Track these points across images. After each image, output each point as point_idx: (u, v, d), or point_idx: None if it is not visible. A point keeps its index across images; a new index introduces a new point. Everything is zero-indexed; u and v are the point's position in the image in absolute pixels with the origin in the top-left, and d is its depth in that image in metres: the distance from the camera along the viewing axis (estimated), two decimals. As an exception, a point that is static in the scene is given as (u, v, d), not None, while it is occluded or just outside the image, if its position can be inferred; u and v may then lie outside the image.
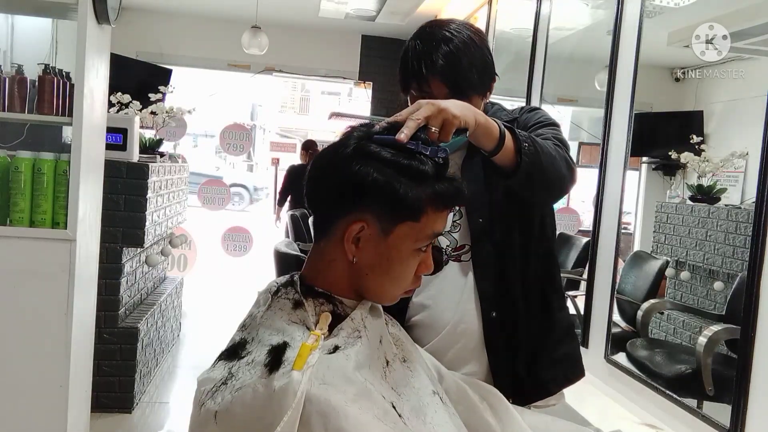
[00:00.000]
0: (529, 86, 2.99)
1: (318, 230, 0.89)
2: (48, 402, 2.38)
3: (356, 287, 0.88)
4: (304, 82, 15.89)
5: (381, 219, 0.83)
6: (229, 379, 0.77)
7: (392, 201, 0.82)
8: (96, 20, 2.44)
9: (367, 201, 0.83)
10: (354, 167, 0.82)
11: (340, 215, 0.84)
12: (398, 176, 0.82)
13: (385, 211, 0.83)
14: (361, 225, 0.83)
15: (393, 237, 0.84)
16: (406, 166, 0.83)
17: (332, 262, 0.87)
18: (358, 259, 0.84)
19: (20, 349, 2.37)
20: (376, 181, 0.82)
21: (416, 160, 0.84)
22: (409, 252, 0.86)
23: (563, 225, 2.86)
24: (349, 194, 0.83)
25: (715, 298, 2.09)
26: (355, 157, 0.83)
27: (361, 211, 0.83)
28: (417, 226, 0.84)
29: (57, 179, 2.39)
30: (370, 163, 0.82)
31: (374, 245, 0.84)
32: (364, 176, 0.82)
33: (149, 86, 4.14)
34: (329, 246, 0.86)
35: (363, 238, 0.83)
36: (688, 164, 2.21)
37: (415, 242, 0.85)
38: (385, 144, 0.84)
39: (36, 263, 2.36)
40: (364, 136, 0.86)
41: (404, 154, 0.84)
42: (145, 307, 3.70)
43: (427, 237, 0.86)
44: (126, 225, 3.22)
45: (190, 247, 6.02)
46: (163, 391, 3.75)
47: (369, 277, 0.86)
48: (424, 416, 0.85)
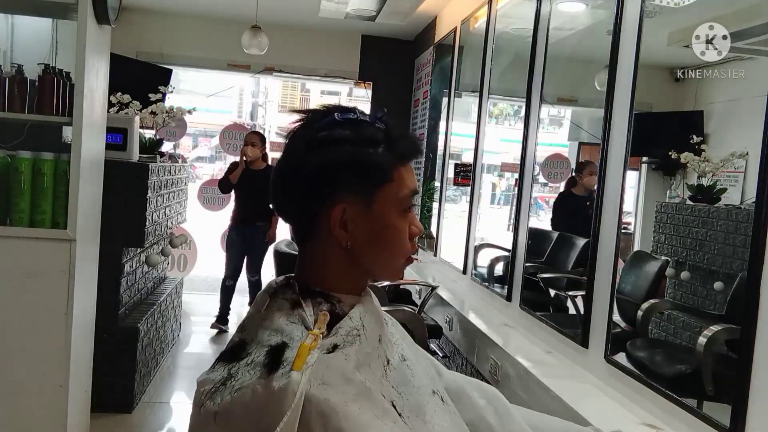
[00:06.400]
0: (529, 86, 2.98)
1: (300, 235, 0.89)
2: (48, 402, 2.38)
3: (356, 277, 0.88)
4: (304, 82, 15.87)
5: (358, 194, 0.84)
6: (228, 380, 0.77)
7: (361, 171, 0.84)
8: (96, 20, 2.44)
9: (339, 183, 0.84)
10: (313, 160, 0.83)
11: (318, 209, 0.85)
12: (356, 148, 0.84)
13: (358, 184, 0.84)
14: (342, 207, 0.84)
15: (376, 206, 0.85)
16: (358, 136, 0.85)
17: (325, 259, 0.87)
18: (351, 243, 0.85)
19: (20, 349, 2.37)
20: (339, 160, 0.83)
21: (363, 128, 0.86)
22: (395, 216, 0.87)
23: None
24: (318, 185, 0.84)
25: (715, 298, 2.09)
26: (308, 151, 0.84)
27: (337, 195, 0.84)
28: (393, 187, 0.86)
29: (57, 179, 2.39)
30: (325, 149, 0.83)
31: (362, 222, 0.85)
32: (326, 161, 0.83)
33: (149, 86, 4.14)
34: (318, 244, 0.87)
35: (349, 220, 0.84)
36: (688, 164, 2.21)
37: (398, 204, 0.87)
38: (327, 128, 0.85)
39: (36, 263, 2.36)
40: (305, 132, 0.86)
41: (349, 128, 0.85)
42: (145, 307, 3.70)
43: (406, 196, 0.88)
44: (126, 225, 3.22)
45: (190, 247, 6.03)
46: (163, 391, 3.75)
47: (368, 256, 0.87)
48: (424, 415, 0.85)
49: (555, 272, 2.96)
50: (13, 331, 2.37)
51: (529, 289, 2.93)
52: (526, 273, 2.94)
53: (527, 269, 2.94)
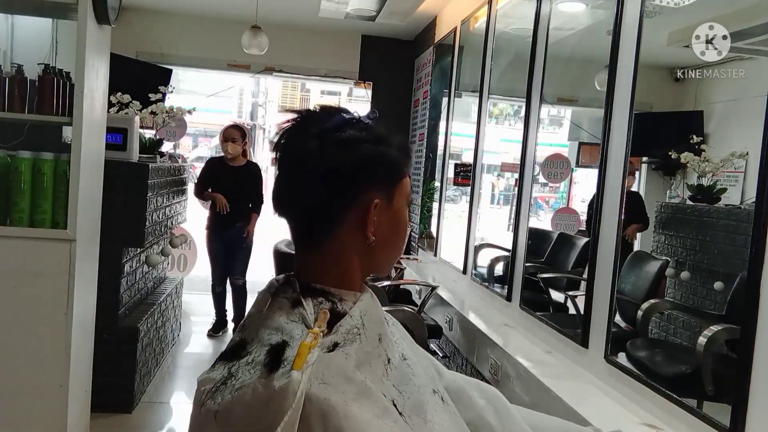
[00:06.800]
0: (529, 86, 2.99)
1: (313, 237, 0.87)
2: (48, 402, 2.38)
3: (364, 273, 0.89)
4: (304, 82, 15.88)
5: (383, 190, 0.86)
6: (228, 379, 0.77)
7: (386, 167, 0.86)
8: (96, 20, 2.44)
9: (367, 179, 0.85)
10: (340, 158, 0.83)
11: (344, 208, 0.85)
12: (375, 146, 0.85)
13: (383, 179, 0.86)
14: (376, 202, 0.85)
15: (395, 202, 0.88)
16: (371, 135, 0.86)
17: (342, 257, 0.87)
18: (376, 237, 0.86)
19: (20, 349, 2.37)
20: (366, 156, 0.84)
21: (371, 128, 0.87)
22: (405, 210, 0.91)
23: (563, 225, 2.86)
24: (347, 183, 0.84)
25: (715, 298, 2.09)
26: (327, 150, 0.83)
27: (366, 191, 0.85)
28: (405, 183, 0.90)
29: (57, 179, 2.39)
30: (348, 147, 0.84)
31: (385, 216, 0.87)
32: (355, 159, 0.83)
33: (149, 86, 4.14)
34: (335, 244, 0.86)
35: (377, 215, 0.86)
36: (688, 164, 2.21)
37: (407, 197, 0.91)
38: (340, 128, 0.85)
39: (36, 263, 2.36)
40: (313, 132, 0.85)
41: (357, 126, 0.86)
42: (145, 307, 3.70)
43: (410, 192, 0.93)
44: (126, 225, 3.22)
45: (190, 247, 6.03)
46: (163, 391, 3.75)
47: (384, 250, 0.89)
48: (425, 414, 0.85)
49: (555, 272, 2.96)
50: (13, 331, 2.37)
51: (529, 289, 2.93)
52: (526, 273, 2.94)
53: (527, 269, 2.94)
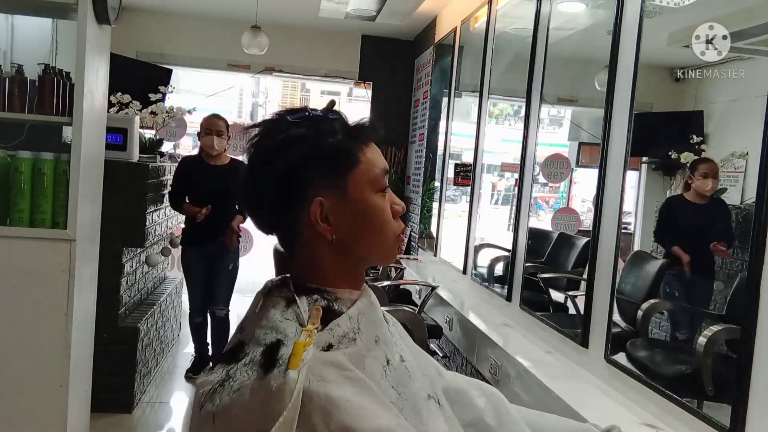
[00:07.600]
0: (529, 86, 2.98)
1: (286, 242, 0.90)
2: (48, 402, 2.38)
3: (351, 267, 0.89)
4: (304, 82, 15.88)
5: (330, 185, 0.85)
6: (226, 381, 0.77)
7: (327, 161, 0.84)
8: (96, 20, 2.44)
9: (309, 179, 0.84)
10: (278, 164, 0.84)
11: (296, 211, 0.85)
12: (316, 140, 0.85)
13: (327, 175, 0.85)
14: (318, 201, 0.84)
15: (351, 192, 0.86)
16: (315, 130, 0.85)
17: (316, 258, 0.87)
18: (336, 234, 0.85)
19: (20, 349, 2.38)
20: (303, 156, 0.84)
21: (317, 122, 0.86)
22: (373, 197, 0.87)
23: (563, 225, 2.86)
24: (289, 187, 0.84)
25: (715, 298, 2.09)
26: (269, 158, 0.85)
27: (310, 191, 0.84)
28: (362, 169, 0.86)
29: (57, 179, 2.39)
30: (286, 150, 0.84)
31: (342, 211, 0.85)
32: (290, 161, 0.83)
33: (149, 86, 4.14)
34: (305, 246, 0.87)
35: (329, 213, 0.85)
36: (688, 164, 2.21)
37: (372, 184, 0.87)
38: (283, 131, 0.86)
39: (36, 263, 2.36)
40: (262, 141, 0.87)
41: (304, 125, 0.86)
42: (145, 307, 3.70)
43: (378, 176, 0.88)
44: (126, 225, 3.22)
45: (190, 247, 6.02)
46: (163, 391, 3.75)
47: (356, 243, 0.87)
48: (421, 418, 0.85)
49: (555, 272, 2.96)
50: (13, 331, 2.37)
51: (529, 289, 2.93)
52: (526, 273, 2.94)
53: (527, 269, 2.94)
